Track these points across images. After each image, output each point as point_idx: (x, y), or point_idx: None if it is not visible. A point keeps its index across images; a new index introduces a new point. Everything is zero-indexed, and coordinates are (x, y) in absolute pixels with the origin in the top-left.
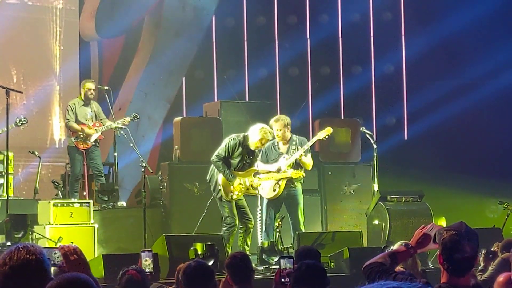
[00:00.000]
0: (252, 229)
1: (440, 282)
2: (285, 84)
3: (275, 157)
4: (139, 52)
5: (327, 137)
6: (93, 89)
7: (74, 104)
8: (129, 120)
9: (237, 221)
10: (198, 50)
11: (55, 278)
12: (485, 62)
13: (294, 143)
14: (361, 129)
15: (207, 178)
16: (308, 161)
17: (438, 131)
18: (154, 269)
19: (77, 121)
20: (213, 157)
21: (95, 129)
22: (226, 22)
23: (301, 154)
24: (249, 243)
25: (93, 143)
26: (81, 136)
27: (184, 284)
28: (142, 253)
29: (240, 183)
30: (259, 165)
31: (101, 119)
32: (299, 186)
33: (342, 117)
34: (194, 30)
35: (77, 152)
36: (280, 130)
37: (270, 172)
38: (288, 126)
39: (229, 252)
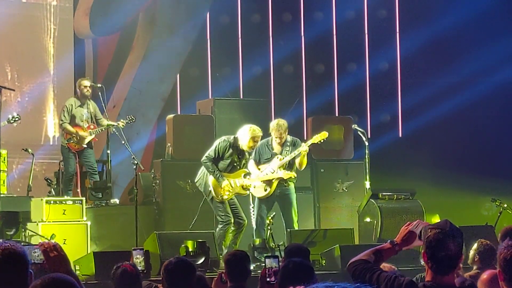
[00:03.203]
0: (244, 228)
1: (425, 280)
2: (279, 82)
3: (268, 157)
4: (133, 49)
5: (322, 141)
6: (88, 86)
7: (71, 104)
8: (125, 122)
9: (232, 219)
10: (192, 47)
11: (40, 278)
12: (480, 59)
13: (288, 144)
14: (353, 126)
15: (195, 180)
16: (305, 159)
17: (433, 129)
18: (145, 267)
19: (73, 123)
20: (203, 158)
21: (89, 132)
22: (221, 19)
23: (302, 155)
24: (238, 243)
25: (86, 146)
26: (75, 139)
27: (166, 280)
28: (133, 251)
29: (228, 184)
30: (250, 164)
31: (98, 119)
32: (292, 185)
33: (337, 115)
34: (188, 28)
35: (70, 151)
36: (282, 137)
37: (259, 174)
38: (287, 130)
39: (223, 250)
